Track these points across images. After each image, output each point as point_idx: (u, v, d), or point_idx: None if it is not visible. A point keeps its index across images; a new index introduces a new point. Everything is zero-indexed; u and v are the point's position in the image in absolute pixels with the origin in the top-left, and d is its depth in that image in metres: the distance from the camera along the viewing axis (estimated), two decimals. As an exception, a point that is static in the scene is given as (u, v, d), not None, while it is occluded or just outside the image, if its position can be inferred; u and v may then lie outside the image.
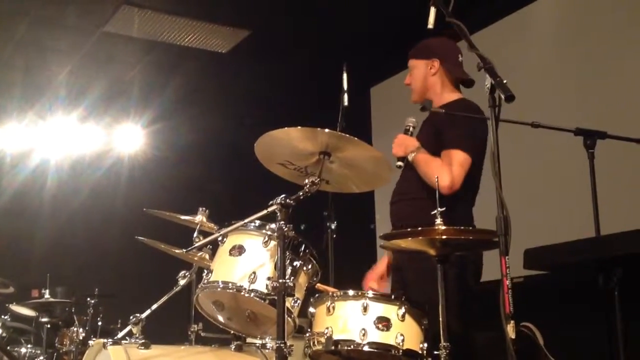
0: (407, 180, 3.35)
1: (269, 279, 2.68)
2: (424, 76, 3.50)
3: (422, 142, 3.31)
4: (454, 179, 3.14)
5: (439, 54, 3.47)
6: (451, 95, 3.44)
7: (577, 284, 3.76)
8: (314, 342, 2.81)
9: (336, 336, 2.76)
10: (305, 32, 6.58)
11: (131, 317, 3.00)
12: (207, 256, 3.21)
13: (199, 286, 2.88)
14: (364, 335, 2.72)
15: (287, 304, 2.65)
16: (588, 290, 2.98)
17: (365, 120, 7.22)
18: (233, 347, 3.05)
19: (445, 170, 3.14)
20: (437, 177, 2.98)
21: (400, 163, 3.29)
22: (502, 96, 2.42)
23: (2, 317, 5.81)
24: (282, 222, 2.60)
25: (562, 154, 4.62)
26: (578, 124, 3.27)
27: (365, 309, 2.77)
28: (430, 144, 3.28)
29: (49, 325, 5.83)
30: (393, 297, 2.84)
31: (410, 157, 3.27)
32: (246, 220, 2.80)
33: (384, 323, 2.76)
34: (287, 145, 2.78)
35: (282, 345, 2.48)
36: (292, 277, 2.73)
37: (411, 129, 3.38)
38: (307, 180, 2.75)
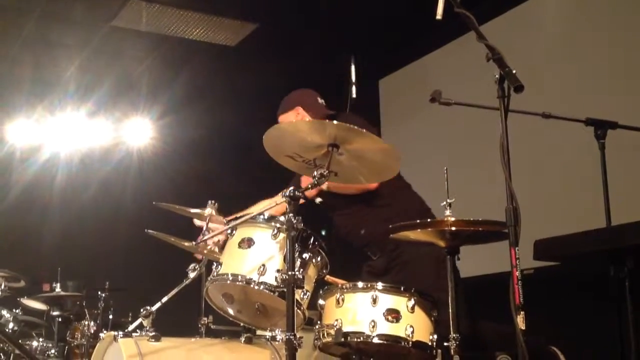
0: (342, 215, 3.68)
1: (278, 271, 2.69)
2: None
3: None
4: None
5: (299, 102, 3.87)
6: None
7: (588, 275, 3.75)
8: (323, 334, 2.81)
9: (346, 328, 2.77)
10: (313, 25, 6.56)
11: (142, 310, 3.01)
12: (216, 249, 3.22)
13: (209, 279, 2.89)
14: (373, 327, 2.73)
15: (297, 296, 2.65)
16: (599, 280, 2.97)
17: (374, 112, 7.20)
18: (243, 339, 3.07)
19: None
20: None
21: (319, 199, 3.57)
22: (512, 87, 2.41)
23: (14, 311, 5.84)
24: (291, 214, 2.60)
25: (573, 145, 4.60)
26: (589, 114, 3.26)
27: (374, 300, 2.78)
28: None
29: (60, 319, 5.87)
30: (402, 288, 2.84)
31: (325, 187, 3.43)
32: (255, 213, 2.80)
33: (393, 315, 2.77)
34: (295, 137, 2.77)
35: (291, 337, 2.48)
36: (302, 270, 2.73)
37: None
38: (315, 173, 2.74)
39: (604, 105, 4.78)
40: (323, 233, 4.19)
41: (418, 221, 2.82)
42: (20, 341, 5.60)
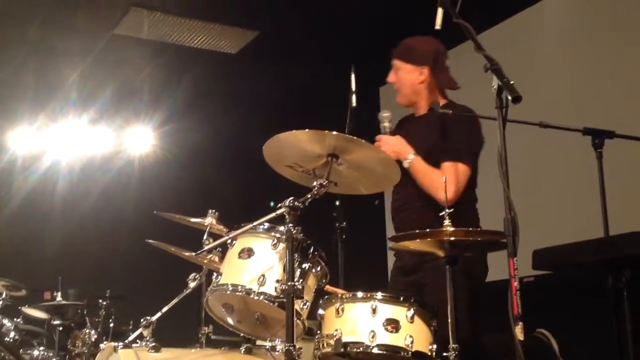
0: (409, 187, 3.32)
1: (277, 281, 2.70)
2: (413, 82, 3.48)
3: (415, 145, 3.32)
4: (457, 192, 3.19)
5: (428, 61, 3.42)
6: (439, 101, 3.43)
7: (587, 284, 3.76)
8: (323, 344, 2.81)
9: (345, 338, 2.76)
10: (314, 32, 6.58)
11: (142, 320, 3.02)
12: (216, 258, 3.23)
13: (209, 289, 2.90)
14: (373, 337, 2.73)
15: (296, 307, 2.66)
16: (598, 290, 2.98)
17: (375, 119, 7.20)
18: (243, 349, 3.07)
19: (448, 183, 3.12)
20: (440, 191, 3.06)
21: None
22: (509, 97, 2.43)
23: (15, 319, 5.83)
24: (291, 224, 2.61)
25: (570, 154, 4.61)
26: (586, 123, 3.27)
27: (374, 310, 2.78)
28: (425, 148, 3.30)
29: (61, 328, 5.85)
30: (402, 298, 2.85)
31: (406, 164, 3.27)
32: (255, 223, 2.81)
33: (393, 325, 2.77)
34: (295, 147, 2.79)
35: (291, 347, 2.49)
36: (301, 280, 2.73)
37: (387, 124, 3.40)
38: (315, 183, 2.76)
39: (601, 115, 4.79)
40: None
41: (417, 231, 2.82)
42: (21, 350, 5.61)
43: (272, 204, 2.80)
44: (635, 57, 4.88)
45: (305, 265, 2.85)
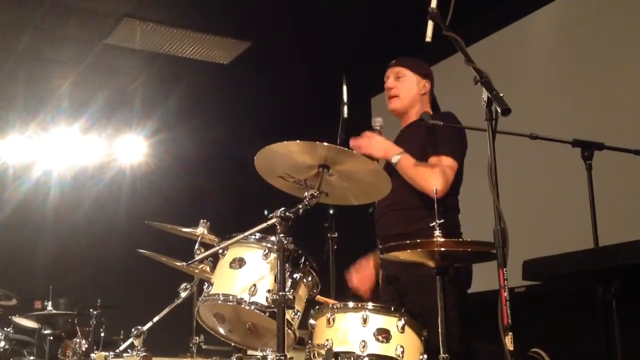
0: (395, 189, 3.19)
1: (269, 291, 2.71)
2: (416, 91, 3.58)
3: (407, 147, 3.37)
4: (447, 181, 3.22)
5: (430, 78, 3.61)
6: (429, 112, 3.54)
7: (578, 294, 3.78)
8: (314, 354, 2.82)
9: (336, 348, 2.78)
10: (306, 43, 6.61)
11: (133, 330, 3.02)
12: (208, 268, 3.24)
13: (200, 299, 2.90)
14: (364, 347, 2.74)
15: (287, 316, 2.67)
16: (588, 300, 3.00)
17: (366, 130, 7.22)
18: (234, 359, 3.07)
19: (436, 173, 3.21)
20: (430, 182, 3.10)
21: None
22: (499, 109, 2.44)
23: (5, 329, 5.81)
24: (282, 234, 2.62)
25: (560, 165, 4.63)
26: (576, 135, 3.29)
27: (365, 320, 2.80)
28: (416, 150, 3.34)
29: (51, 337, 5.84)
30: (393, 308, 2.87)
31: (394, 160, 3.32)
32: (246, 233, 2.82)
33: (383, 335, 2.78)
34: (286, 158, 2.80)
35: (282, 357, 2.49)
36: (292, 290, 2.75)
37: (378, 128, 3.49)
38: (306, 193, 2.77)
39: (591, 127, 4.81)
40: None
41: (407, 242, 2.84)
42: (11, 360, 5.60)
43: (265, 212, 2.84)
44: (625, 69, 4.91)
45: (297, 275, 2.86)
